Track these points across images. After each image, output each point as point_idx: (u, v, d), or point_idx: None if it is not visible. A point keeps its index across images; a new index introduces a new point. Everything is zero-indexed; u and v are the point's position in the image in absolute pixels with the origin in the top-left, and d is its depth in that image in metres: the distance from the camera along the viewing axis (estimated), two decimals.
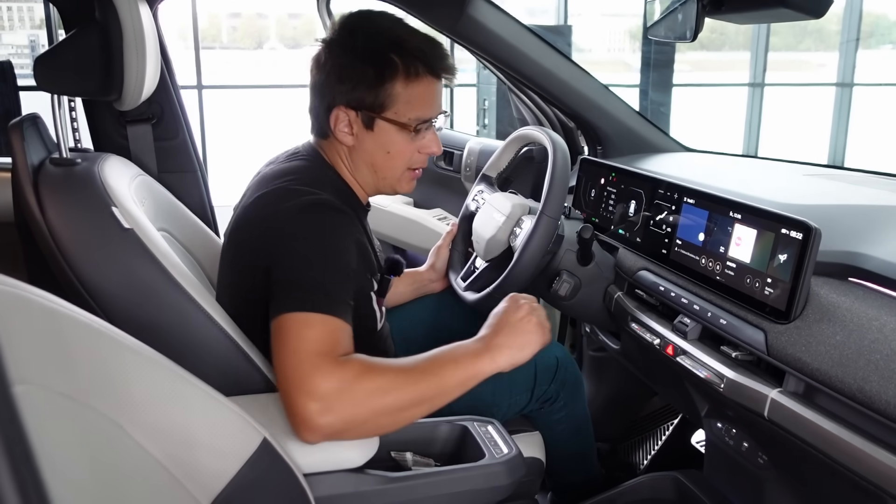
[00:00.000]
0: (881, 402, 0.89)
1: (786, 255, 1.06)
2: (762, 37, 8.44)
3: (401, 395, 1.05)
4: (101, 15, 1.29)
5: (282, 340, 1.05)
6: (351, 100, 1.25)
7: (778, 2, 1.00)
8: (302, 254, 1.12)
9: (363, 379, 1.02)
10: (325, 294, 1.08)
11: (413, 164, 1.32)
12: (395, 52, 1.23)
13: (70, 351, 0.82)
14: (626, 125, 1.90)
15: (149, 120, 1.65)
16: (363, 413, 1.03)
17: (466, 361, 1.13)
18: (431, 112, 1.29)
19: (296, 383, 1.01)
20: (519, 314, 1.21)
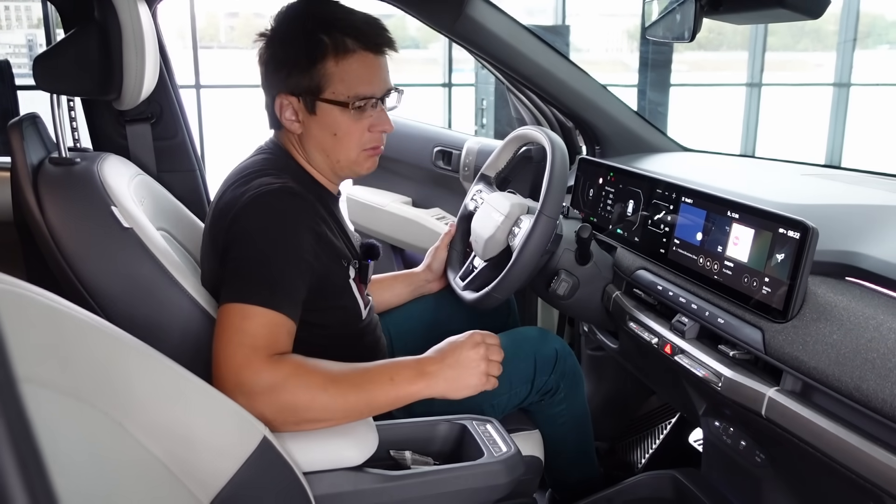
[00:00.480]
0: (878, 401, 0.90)
1: (783, 254, 1.07)
2: (760, 37, 8.45)
3: (327, 405, 1.07)
4: (101, 14, 1.29)
5: (220, 329, 1.08)
6: (289, 86, 1.25)
7: (775, 2, 1.01)
8: (252, 244, 1.14)
9: (293, 382, 1.04)
10: (270, 288, 1.09)
11: (366, 144, 1.30)
12: (322, 32, 1.22)
13: (71, 349, 0.83)
14: (624, 125, 1.90)
15: (148, 119, 1.65)
16: (286, 414, 1.05)
17: (402, 382, 1.13)
18: (372, 88, 1.26)
19: (226, 374, 1.04)
20: (472, 353, 1.19)
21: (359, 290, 1.36)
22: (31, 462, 0.31)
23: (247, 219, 1.16)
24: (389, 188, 2.47)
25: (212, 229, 1.27)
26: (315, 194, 1.29)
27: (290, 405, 1.04)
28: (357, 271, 1.36)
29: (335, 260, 1.28)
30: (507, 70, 1.81)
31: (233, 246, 1.15)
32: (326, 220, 1.29)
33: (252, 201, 1.17)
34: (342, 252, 1.31)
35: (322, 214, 1.27)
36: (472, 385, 1.19)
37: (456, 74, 8.04)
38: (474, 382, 1.19)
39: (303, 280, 1.16)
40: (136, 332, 0.93)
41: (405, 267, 2.58)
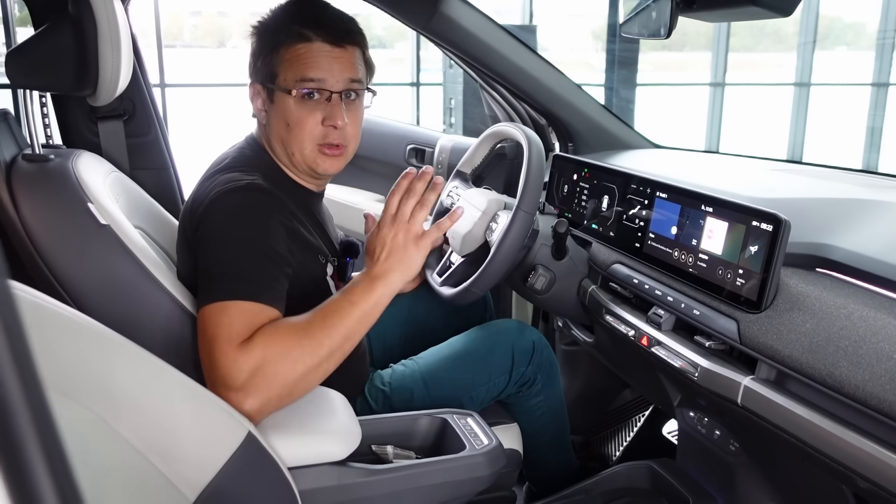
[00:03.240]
0: (850, 387, 0.92)
1: (756, 246, 1.09)
2: (723, 37, 8.59)
3: (311, 356, 1.08)
4: (75, 9, 1.28)
5: (201, 332, 1.08)
6: (255, 74, 1.30)
7: (747, 0, 1.03)
8: (221, 242, 1.14)
9: (269, 355, 1.04)
10: (245, 282, 1.09)
11: (318, 139, 1.29)
12: (287, 22, 1.26)
13: (53, 346, 0.82)
14: (596, 122, 1.92)
15: (120, 116, 1.63)
16: (279, 386, 1.05)
17: (362, 299, 1.15)
18: (321, 75, 1.25)
19: (214, 374, 1.04)
20: (391, 235, 1.21)
21: (337, 288, 1.36)
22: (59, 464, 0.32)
23: (213, 217, 1.16)
24: (363, 186, 2.47)
25: (182, 227, 1.27)
26: (287, 191, 1.29)
27: (276, 375, 1.04)
28: (335, 269, 1.36)
29: (310, 256, 1.28)
30: (482, 67, 1.82)
31: (202, 246, 1.15)
32: (298, 215, 1.29)
33: (218, 199, 1.17)
34: (318, 248, 1.31)
35: (292, 210, 1.27)
36: (418, 255, 1.21)
37: (423, 73, 8.05)
38: (415, 252, 1.21)
39: (280, 270, 1.15)
40: (115, 329, 0.93)
41: None
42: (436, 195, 1.22)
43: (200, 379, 1.01)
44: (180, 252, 1.30)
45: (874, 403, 0.89)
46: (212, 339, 1.05)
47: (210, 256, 1.13)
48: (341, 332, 1.12)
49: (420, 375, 1.45)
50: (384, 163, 2.35)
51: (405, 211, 1.21)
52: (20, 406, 0.31)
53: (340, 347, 1.12)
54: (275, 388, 1.04)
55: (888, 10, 8.50)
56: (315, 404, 1.16)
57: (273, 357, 1.04)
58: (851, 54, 11.11)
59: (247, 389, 1.02)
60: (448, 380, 1.46)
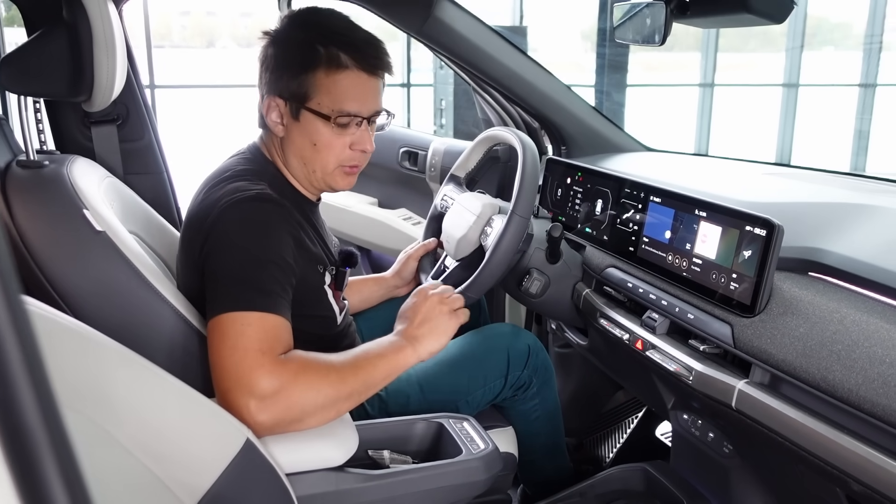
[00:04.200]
0: (844, 390, 0.94)
1: (750, 251, 1.10)
2: (712, 38, 8.63)
3: (333, 392, 1.09)
4: (70, 15, 1.27)
5: (220, 339, 1.07)
6: (278, 89, 1.26)
7: (741, 7, 1.04)
8: (233, 251, 1.14)
9: (300, 378, 1.06)
10: (260, 291, 1.10)
11: (345, 161, 1.30)
12: (320, 42, 1.23)
13: (53, 354, 0.82)
14: (589, 125, 1.93)
15: (114, 121, 1.62)
16: (296, 411, 1.05)
17: (391, 356, 1.19)
18: (358, 107, 1.26)
19: (237, 380, 1.03)
20: (428, 304, 1.26)
21: (334, 297, 1.36)
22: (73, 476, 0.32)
23: (225, 227, 1.16)
24: (355, 189, 2.46)
25: (186, 236, 1.26)
26: (291, 200, 1.29)
27: (299, 400, 1.05)
28: (333, 278, 1.36)
29: (311, 265, 1.28)
30: (475, 71, 1.82)
31: (214, 256, 1.15)
32: (303, 225, 1.29)
33: (229, 208, 1.17)
34: (319, 257, 1.31)
35: (298, 220, 1.28)
36: (449, 326, 1.26)
37: (414, 74, 8.05)
38: (449, 324, 1.26)
39: (289, 281, 1.16)
40: (111, 336, 0.93)
41: (372, 267, 2.58)
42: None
43: (199, 385, 1.00)
44: (182, 263, 1.29)
45: (867, 407, 0.90)
46: (240, 349, 1.04)
47: (223, 265, 1.13)
48: (366, 380, 1.14)
49: (416, 379, 1.46)
50: (377, 166, 2.35)
51: (441, 289, 1.29)
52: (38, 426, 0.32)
53: (359, 395, 1.14)
54: (293, 411, 1.05)
55: (875, 10, 8.56)
56: None
57: (302, 381, 1.06)
58: (838, 54, 11.18)
59: (267, 403, 1.02)
60: (444, 384, 1.46)
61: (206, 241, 1.17)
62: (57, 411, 0.33)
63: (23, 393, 0.32)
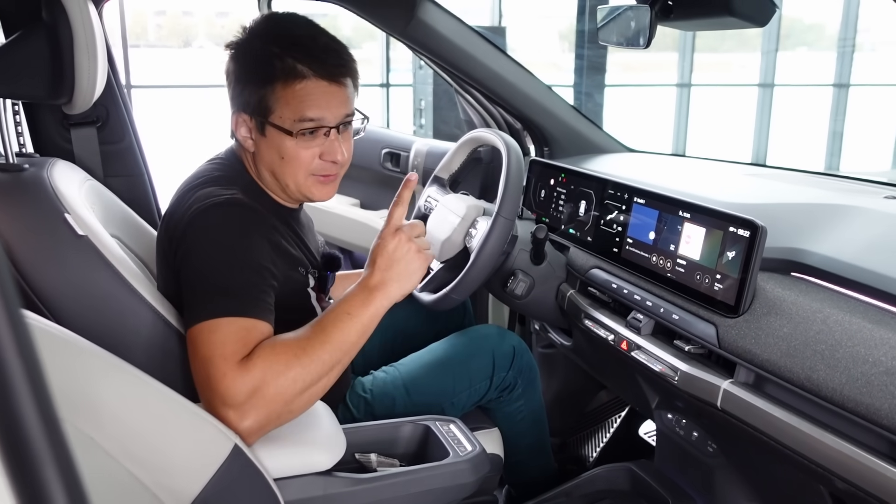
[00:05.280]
0: (828, 390, 0.95)
1: (734, 251, 1.11)
2: (689, 39, 8.70)
3: (310, 373, 1.06)
4: (49, 16, 1.25)
5: (193, 352, 1.06)
6: (241, 104, 1.24)
7: (724, 11, 1.05)
8: (204, 258, 1.12)
9: (269, 372, 1.02)
10: (232, 297, 1.07)
11: (316, 171, 1.26)
12: (277, 55, 1.19)
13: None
14: (571, 126, 1.94)
15: (93, 123, 1.60)
16: (279, 404, 1.03)
17: (360, 309, 1.13)
18: (321, 114, 1.21)
19: (211, 392, 1.02)
20: (396, 243, 1.18)
21: (318, 300, 1.35)
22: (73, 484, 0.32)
23: (195, 234, 1.14)
24: (339, 191, 2.46)
25: (162, 241, 1.24)
26: (266, 207, 1.27)
27: (277, 394, 1.03)
28: (316, 281, 1.35)
29: (292, 268, 1.27)
30: (458, 72, 1.82)
31: (185, 263, 1.13)
32: (279, 228, 1.27)
33: (198, 215, 1.15)
34: (299, 260, 1.30)
35: (274, 223, 1.26)
36: (418, 268, 1.19)
37: (393, 74, 8.04)
38: (417, 265, 1.19)
39: (266, 283, 1.14)
40: (94, 341, 0.92)
41: (354, 268, 2.57)
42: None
43: (184, 391, 1.00)
44: (160, 267, 1.28)
45: (851, 406, 0.92)
46: (207, 359, 1.03)
47: (195, 274, 1.11)
48: (340, 346, 1.10)
49: (402, 381, 1.45)
50: (360, 167, 2.34)
51: (409, 228, 1.20)
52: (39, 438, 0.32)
53: (339, 361, 1.10)
54: (275, 406, 1.03)
55: (848, 11, 8.68)
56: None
57: (272, 375, 1.02)
58: (812, 55, 11.32)
59: (245, 409, 1.00)
60: (429, 386, 1.46)
61: (178, 248, 1.15)
62: (57, 421, 0.32)
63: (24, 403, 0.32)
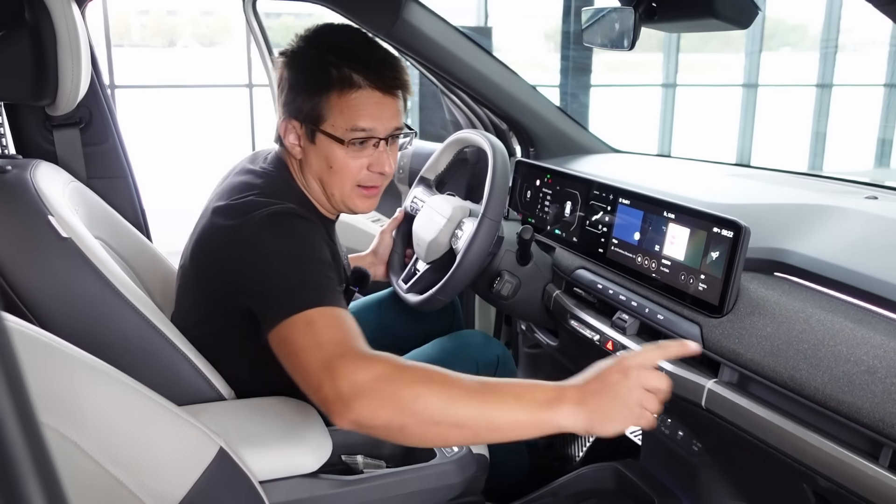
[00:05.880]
0: (810, 389, 0.96)
1: (718, 252, 1.12)
2: (673, 39, 8.75)
3: (436, 404, 0.95)
4: (32, 17, 1.24)
5: (291, 347, 1.02)
6: (293, 111, 1.24)
7: (707, 13, 1.06)
8: (277, 260, 1.11)
9: (394, 375, 0.96)
10: (316, 289, 1.06)
11: (362, 182, 1.27)
12: (333, 63, 1.20)
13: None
14: (556, 127, 1.95)
15: (77, 124, 1.59)
16: (387, 412, 0.94)
17: (530, 403, 0.96)
18: (372, 124, 1.22)
19: (322, 381, 0.96)
20: (623, 381, 0.97)
21: None
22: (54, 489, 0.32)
23: (266, 241, 1.12)
24: None
25: (210, 258, 1.20)
26: (315, 218, 1.26)
27: (390, 401, 0.94)
28: (343, 294, 1.35)
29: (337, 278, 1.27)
30: (443, 73, 1.83)
31: (259, 271, 1.10)
32: (328, 242, 1.28)
33: (263, 222, 1.13)
34: (339, 274, 1.30)
35: (325, 237, 1.26)
36: (622, 417, 0.97)
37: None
38: (624, 414, 0.97)
39: (334, 274, 1.13)
40: (78, 345, 0.91)
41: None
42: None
43: (168, 394, 0.99)
44: (191, 281, 1.26)
45: (833, 405, 0.93)
46: (312, 349, 0.99)
47: (273, 274, 1.09)
48: (486, 414, 0.96)
49: None
50: None
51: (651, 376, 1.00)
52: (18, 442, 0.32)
53: (472, 427, 0.96)
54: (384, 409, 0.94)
55: (830, 12, 8.76)
56: (285, 416, 1.15)
57: (396, 378, 0.96)
58: (796, 55, 11.41)
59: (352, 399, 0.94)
60: None
61: (236, 258, 1.13)
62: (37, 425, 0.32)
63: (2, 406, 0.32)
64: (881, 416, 0.86)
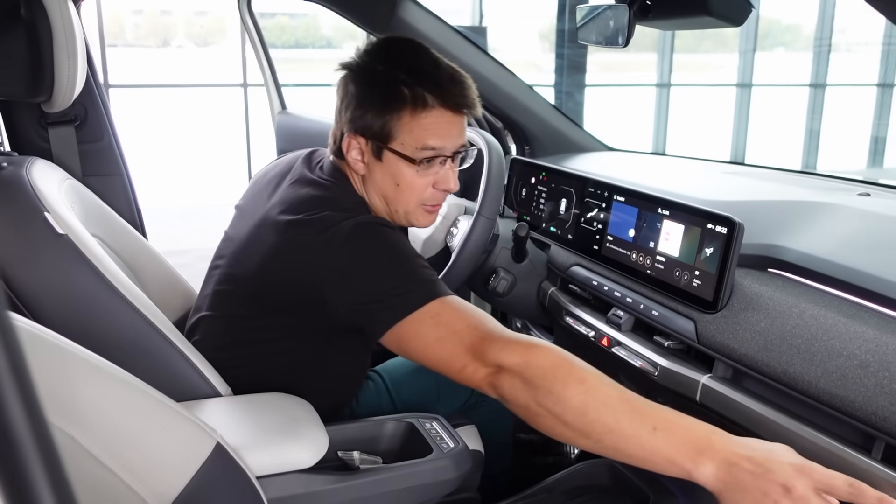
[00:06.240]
0: (804, 383, 0.96)
1: (712, 248, 1.13)
2: (668, 39, 8.78)
3: (577, 404, 0.94)
4: (28, 14, 1.24)
5: (422, 338, 1.07)
6: (360, 127, 1.22)
7: (701, 10, 1.07)
8: (379, 265, 1.12)
9: (544, 356, 0.99)
10: (425, 282, 1.10)
11: (427, 201, 1.27)
12: (405, 82, 1.19)
13: None
14: (552, 125, 1.96)
15: (72, 122, 1.59)
16: (529, 396, 0.97)
17: (678, 444, 0.90)
18: (442, 143, 1.21)
19: (469, 355, 1.02)
20: (783, 496, 0.83)
21: None
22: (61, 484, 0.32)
23: (358, 250, 1.13)
24: None
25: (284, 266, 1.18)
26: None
27: (538, 389, 0.97)
28: None
29: None
30: None
31: (353, 283, 1.12)
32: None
33: (353, 234, 1.13)
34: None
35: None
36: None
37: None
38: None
39: (434, 271, 1.16)
40: (74, 341, 0.91)
41: None
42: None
43: (164, 391, 0.99)
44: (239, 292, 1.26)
45: (826, 399, 0.93)
46: (447, 337, 1.05)
47: (381, 277, 1.11)
48: (615, 427, 0.93)
49: (385, 385, 1.46)
50: None
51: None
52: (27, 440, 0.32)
53: (591, 436, 0.95)
54: (529, 392, 0.98)
55: (824, 13, 8.79)
56: (282, 412, 1.16)
57: (545, 359, 0.99)
58: (789, 55, 11.45)
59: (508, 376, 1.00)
60: (414, 391, 1.46)
61: (330, 275, 1.13)
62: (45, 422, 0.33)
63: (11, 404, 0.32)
64: (874, 409, 0.87)
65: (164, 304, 1.39)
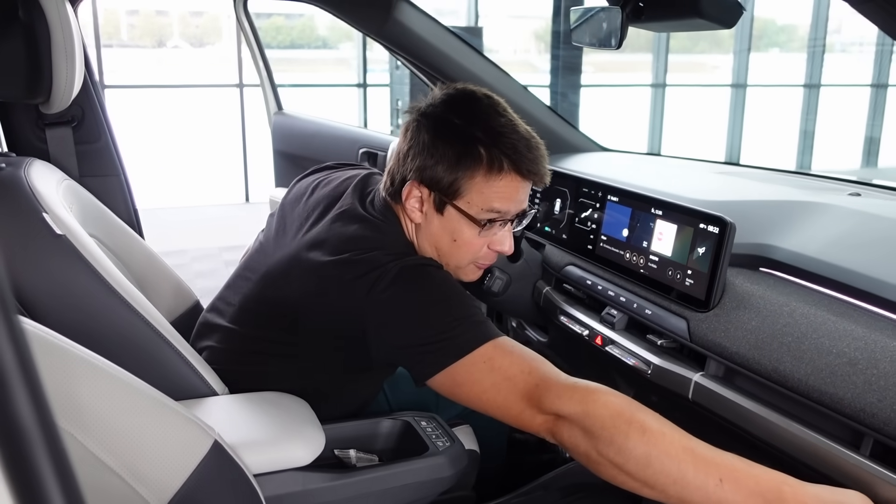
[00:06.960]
0: (794, 380, 0.98)
1: (704, 248, 1.14)
2: (663, 40, 8.81)
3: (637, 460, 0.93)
4: (26, 15, 1.25)
5: (475, 385, 1.06)
6: (427, 178, 1.18)
7: (693, 13, 1.08)
8: (428, 308, 1.11)
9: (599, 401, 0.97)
10: (476, 325, 1.08)
11: (479, 259, 1.25)
12: (482, 142, 1.15)
13: None
14: (546, 126, 1.96)
15: (69, 122, 1.60)
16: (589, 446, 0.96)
17: (748, 497, 0.89)
18: (507, 207, 1.19)
19: (525, 401, 1.01)
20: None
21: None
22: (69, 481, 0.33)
23: (407, 293, 1.11)
24: None
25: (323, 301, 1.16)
26: None
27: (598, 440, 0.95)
28: None
29: None
30: (434, 72, 1.84)
31: (399, 326, 1.11)
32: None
33: (401, 276, 1.11)
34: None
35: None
36: None
37: (370, 74, 8.05)
38: None
39: (483, 312, 1.15)
40: (73, 340, 0.92)
41: None
42: None
43: (161, 389, 1.00)
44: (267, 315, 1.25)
45: (816, 396, 0.95)
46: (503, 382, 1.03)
47: (429, 321, 1.09)
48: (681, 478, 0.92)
49: (383, 392, 1.47)
50: None
51: None
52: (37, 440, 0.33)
53: (654, 485, 0.93)
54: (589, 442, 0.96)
55: (818, 14, 8.83)
56: (278, 411, 1.17)
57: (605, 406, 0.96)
58: (784, 56, 11.49)
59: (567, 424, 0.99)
60: (413, 395, 1.47)
61: (378, 314, 1.12)
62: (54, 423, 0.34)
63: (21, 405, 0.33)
64: (862, 406, 0.88)
65: (161, 304, 1.40)
